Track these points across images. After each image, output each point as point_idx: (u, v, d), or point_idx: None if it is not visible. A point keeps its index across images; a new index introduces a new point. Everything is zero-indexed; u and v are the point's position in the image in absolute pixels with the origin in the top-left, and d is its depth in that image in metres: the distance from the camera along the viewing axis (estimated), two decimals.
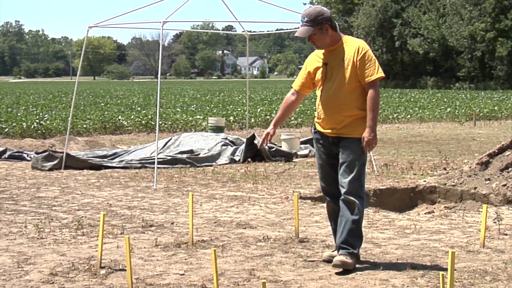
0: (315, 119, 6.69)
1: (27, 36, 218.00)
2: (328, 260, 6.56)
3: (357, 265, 6.44)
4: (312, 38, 6.49)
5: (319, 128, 6.61)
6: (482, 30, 65.72)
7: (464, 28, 67.13)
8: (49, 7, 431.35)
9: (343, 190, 6.46)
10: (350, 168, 6.41)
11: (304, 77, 6.71)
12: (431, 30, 70.79)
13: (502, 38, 64.93)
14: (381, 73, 6.44)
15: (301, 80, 6.73)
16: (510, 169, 10.13)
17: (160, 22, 12.65)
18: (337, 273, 6.26)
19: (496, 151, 10.62)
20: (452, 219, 8.88)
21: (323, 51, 6.59)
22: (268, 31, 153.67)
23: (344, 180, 6.43)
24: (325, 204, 7.01)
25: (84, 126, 23.71)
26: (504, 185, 9.81)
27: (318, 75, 6.57)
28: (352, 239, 6.43)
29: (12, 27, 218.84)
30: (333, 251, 6.68)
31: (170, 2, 13.09)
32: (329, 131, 6.52)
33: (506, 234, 7.88)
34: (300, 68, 7.24)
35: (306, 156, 16.08)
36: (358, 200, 6.42)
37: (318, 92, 6.60)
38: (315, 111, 6.72)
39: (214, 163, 14.70)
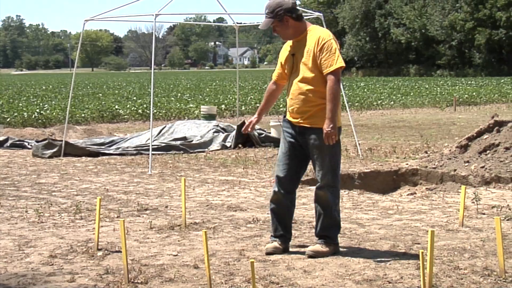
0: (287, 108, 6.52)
1: (27, 30, 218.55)
2: (272, 253, 6.38)
3: (341, 245, 6.53)
4: (276, 30, 6.36)
5: (288, 117, 6.47)
6: (461, 20, 66.04)
7: (443, 18, 67.38)
8: (49, 1, 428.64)
9: (318, 183, 6.43)
10: (323, 161, 6.30)
11: (279, 67, 6.56)
12: (412, 20, 71.01)
13: (480, 27, 65.19)
14: (340, 63, 6.22)
15: (277, 71, 6.58)
16: (488, 151, 10.28)
17: (153, 15, 12.89)
18: (309, 256, 6.26)
19: (475, 134, 10.77)
20: (433, 200, 9.05)
21: (291, 42, 6.47)
22: (257, 22, 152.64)
23: (318, 173, 6.36)
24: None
25: (83, 115, 23.87)
26: (482, 167, 9.96)
27: (287, 66, 6.49)
28: (328, 231, 6.42)
29: (13, 21, 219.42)
30: (273, 243, 6.49)
31: None
32: (296, 120, 6.38)
33: (483, 214, 8.06)
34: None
35: None
36: (330, 192, 6.35)
37: (289, 83, 6.50)
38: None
39: (206, 149, 14.87)
